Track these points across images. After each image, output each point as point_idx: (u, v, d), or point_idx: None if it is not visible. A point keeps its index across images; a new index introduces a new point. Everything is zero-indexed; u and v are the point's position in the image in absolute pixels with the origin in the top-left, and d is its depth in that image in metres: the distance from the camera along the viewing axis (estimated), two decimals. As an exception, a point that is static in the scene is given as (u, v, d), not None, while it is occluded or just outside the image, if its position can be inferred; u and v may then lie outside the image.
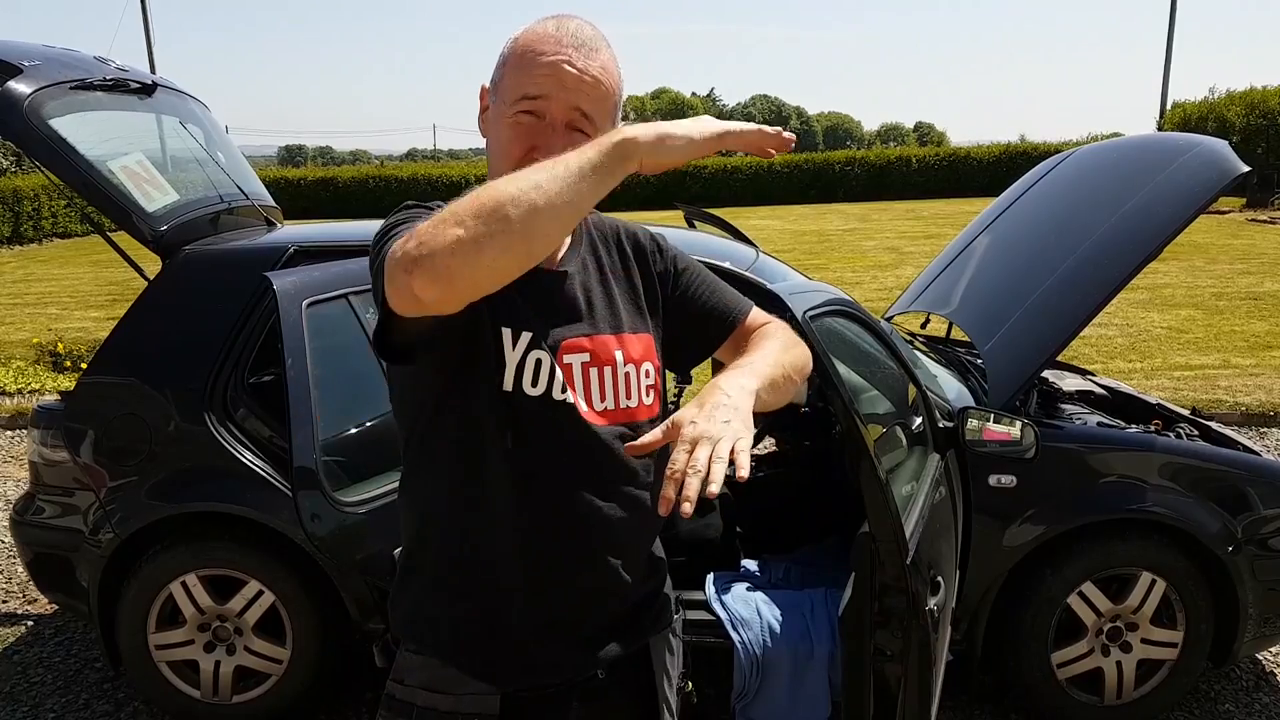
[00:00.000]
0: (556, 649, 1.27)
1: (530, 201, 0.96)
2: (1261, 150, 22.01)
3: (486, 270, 0.97)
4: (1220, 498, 2.69)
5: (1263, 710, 2.92)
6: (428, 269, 0.96)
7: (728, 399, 1.09)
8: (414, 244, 0.97)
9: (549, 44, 1.17)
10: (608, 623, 1.31)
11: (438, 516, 1.28)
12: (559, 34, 1.17)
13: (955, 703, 2.89)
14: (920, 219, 19.91)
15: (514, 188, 0.97)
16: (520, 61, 1.18)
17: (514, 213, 0.96)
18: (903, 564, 1.92)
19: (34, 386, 6.81)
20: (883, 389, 2.62)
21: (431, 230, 0.97)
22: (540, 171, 0.99)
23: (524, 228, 0.96)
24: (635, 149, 1.03)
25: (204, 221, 3.03)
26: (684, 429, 1.02)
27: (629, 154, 1.03)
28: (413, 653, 1.29)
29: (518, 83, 1.17)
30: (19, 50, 2.66)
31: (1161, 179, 2.94)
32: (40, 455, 2.87)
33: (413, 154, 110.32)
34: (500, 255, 0.97)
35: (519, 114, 1.17)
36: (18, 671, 3.23)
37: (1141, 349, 7.39)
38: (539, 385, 1.20)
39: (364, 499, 2.45)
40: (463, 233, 0.95)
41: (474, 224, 0.95)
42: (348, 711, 2.96)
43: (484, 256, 0.96)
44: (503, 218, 0.95)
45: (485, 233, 0.95)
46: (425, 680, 1.27)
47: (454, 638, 1.27)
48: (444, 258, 0.95)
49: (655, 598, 1.38)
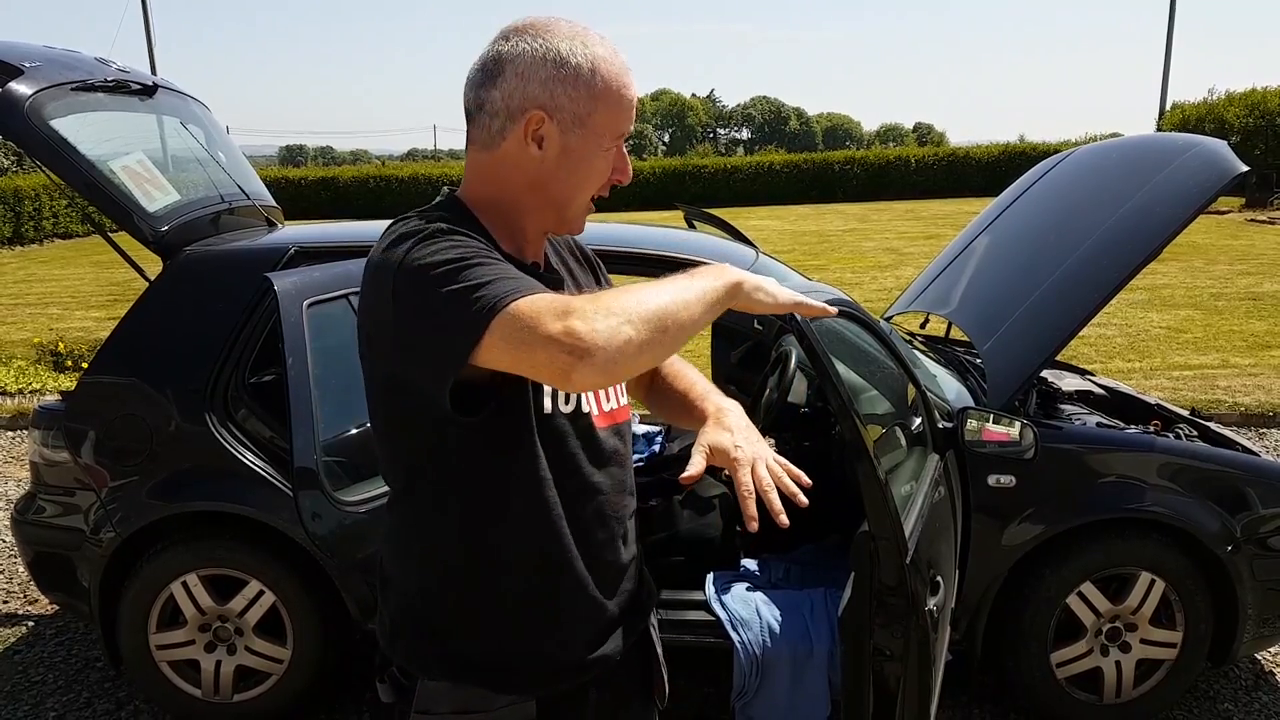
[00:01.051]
0: (587, 650, 1.29)
1: (682, 321, 1.07)
2: (1260, 151, 22.02)
3: (638, 370, 1.07)
4: (1219, 497, 2.69)
5: (1262, 709, 2.92)
6: (601, 362, 1.01)
7: (744, 419, 1.28)
8: (584, 328, 1.00)
9: (627, 78, 1.22)
10: (625, 610, 1.34)
11: (477, 544, 1.24)
12: (621, 64, 1.22)
13: (955, 702, 2.89)
14: (920, 219, 19.91)
15: (671, 304, 1.07)
16: (615, 98, 1.21)
17: (672, 325, 1.06)
18: (902, 564, 1.92)
19: (35, 386, 6.82)
20: (882, 389, 2.63)
21: (605, 323, 1.01)
22: (684, 291, 1.09)
23: (674, 341, 1.07)
24: (739, 293, 1.17)
25: (205, 222, 3.04)
26: (733, 453, 1.18)
27: (735, 296, 1.17)
28: (436, 680, 1.25)
29: (616, 119, 1.22)
30: (20, 51, 2.67)
31: (1161, 179, 2.94)
32: (41, 455, 2.87)
33: (413, 154, 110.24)
34: (651, 360, 1.07)
35: (612, 148, 1.24)
36: (19, 671, 3.23)
37: (1140, 349, 7.39)
38: (570, 402, 1.24)
39: (364, 498, 2.45)
40: (634, 334, 1.02)
41: (644, 329, 1.03)
42: (348, 711, 2.96)
43: (642, 359, 1.05)
44: (664, 330, 1.05)
45: (650, 340, 1.04)
46: (457, 705, 1.24)
47: (490, 662, 1.25)
48: (616, 353, 1.01)
49: (643, 574, 1.44)
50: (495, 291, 1.04)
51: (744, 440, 1.21)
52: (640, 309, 1.04)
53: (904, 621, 1.94)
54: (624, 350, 1.01)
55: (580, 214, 1.28)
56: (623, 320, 1.02)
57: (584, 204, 1.27)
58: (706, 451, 1.20)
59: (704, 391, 1.40)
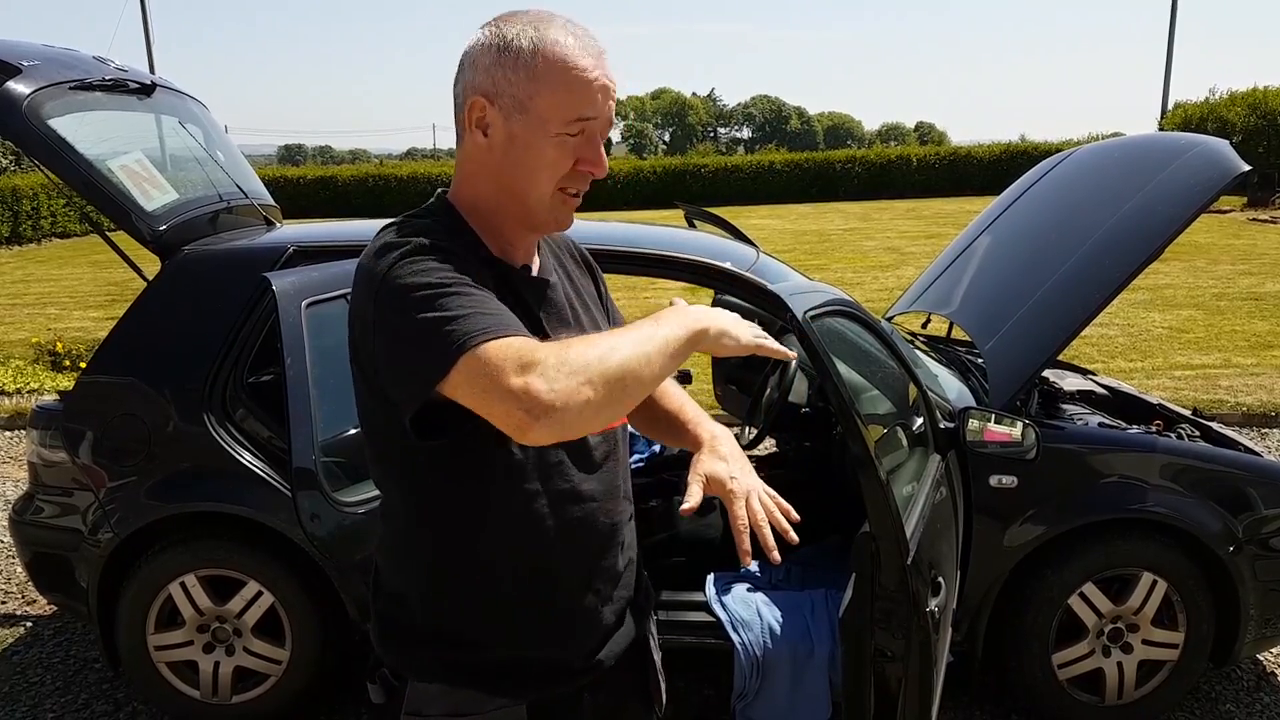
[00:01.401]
0: (578, 655, 1.28)
1: (643, 379, 1.06)
2: (1262, 150, 22.01)
3: (597, 428, 1.09)
4: (1221, 498, 2.68)
5: (1263, 711, 2.92)
6: (556, 423, 1.00)
7: (736, 447, 1.30)
8: (544, 387, 0.99)
9: (587, 59, 1.15)
10: (621, 615, 1.34)
11: (453, 561, 1.24)
12: (584, 46, 1.16)
13: (956, 703, 2.89)
14: (921, 218, 19.91)
15: (632, 360, 1.05)
16: (562, 79, 1.14)
17: (632, 384, 1.05)
18: (903, 565, 1.92)
19: (33, 386, 6.81)
20: (883, 389, 2.62)
21: (565, 383, 1.00)
22: (646, 343, 1.07)
23: (633, 399, 1.06)
24: (703, 339, 1.16)
25: (203, 221, 3.03)
26: (729, 484, 1.22)
27: (699, 343, 1.15)
28: (427, 682, 1.25)
29: (569, 103, 1.15)
30: (18, 50, 2.66)
31: (1162, 178, 2.93)
32: (39, 455, 2.86)
33: (412, 153, 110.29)
34: (610, 418, 1.07)
35: (568, 134, 1.16)
36: (16, 672, 3.22)
37: (1142, 349, 7.38)
38: None
39: (363, 499, 2.44)
40: (593, 395, 1.01)
41: (603, 389, 1.02)
42: (347, 711, 2.95)
43: (600, 418, 1.04)
44: (624, 388, 1.04)
45: (608, 400, 1.03)
46: (448, 707, 1.24)
47: (480, 665, 1.25)
48: (574, 414, 1.01)
49: (643, 582, 1.43)
50: (465, 329, 1.03)
51: (739, 471, 1.24)
52: (602, 366, 1.02)
53: (905, 622, 1.93)
54: (582, 412, 1.01)
55: (545, 208, 1.21)
56: (583, 380, 1.00)
57: (544, 196, 1.19)
58: (703, 481, 1.22)
59: (695, 415, 1.39)
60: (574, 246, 1.44)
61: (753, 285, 2.69)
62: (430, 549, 1.25)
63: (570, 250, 1.42)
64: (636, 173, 28.84)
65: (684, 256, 2.74)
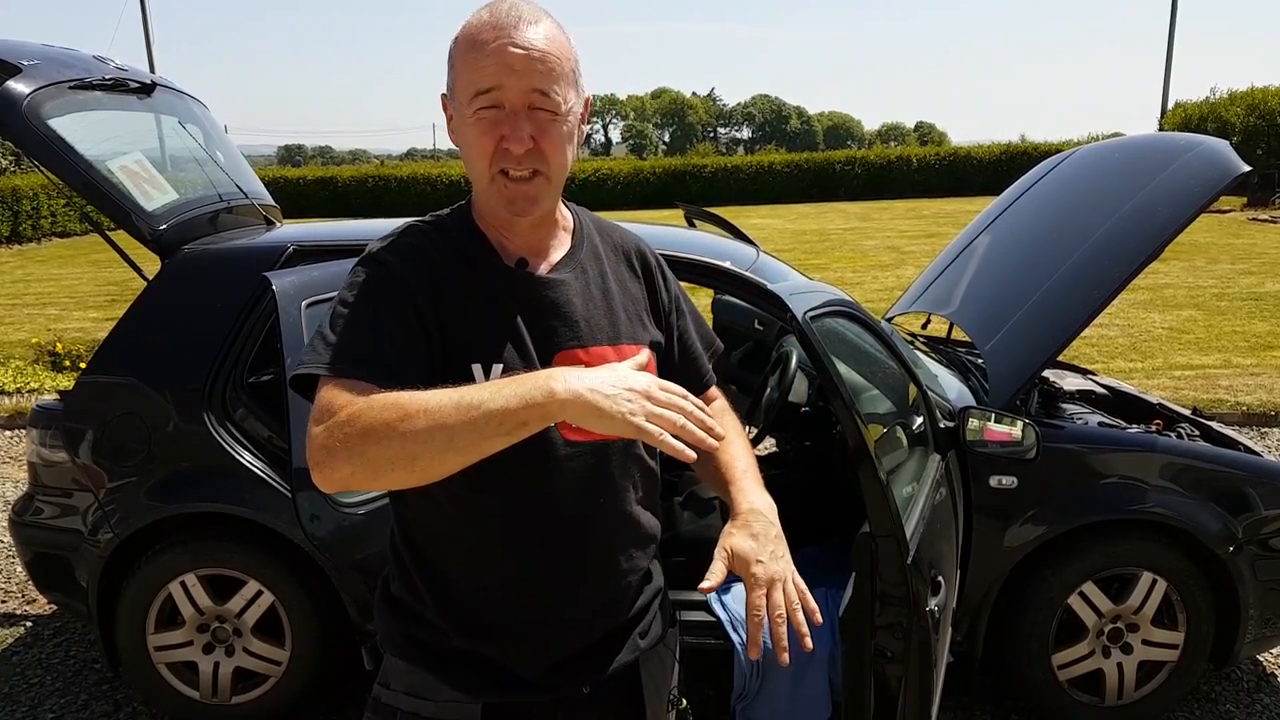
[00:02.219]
0: (540, 667, 1.25)
1: (429, 453, 1.00)
2: (1262, 150, 22.02)
3: (377, 487, 1.08)
4: (1221, 498, 2.68)
5: (1263, 711, 2.91)
6: (323, 480, 1.04)
7: (773, 526, 1.20)
8: (316, 444, 1.04)
9: (487, 31, 1.12)
10: (597, 639, 1.28)
11: (419, 530, 1.26)
12: (494, 19, 1.13)
13: (956, 703, 2.89)
14: (921, 218, 19.91)
15: (424, 435, 0.99)
16: (465, 58, 1.14)
17: (403, 462, 1.00)
18: (903, 564, 1.92)
19: (33, 386, 6.81)
20: (883, 389, 2.62)
21: (336, 449, 1.02)
22: (460, 414, 0.99)
23: (410, 473, 1.02)
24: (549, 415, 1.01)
25: (203, 221, 3.03)
26: (753, 567, 1.13)
27: (538, 419, 1.01)
28: (395, 658, 1.29)
29: (468, 80, 1.13)
30: (18, 49, 2.66)
31: (1162, 178, 2.93)
32: (39, 455, 2.86)
33: (412, 154, 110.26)
34: (384, 485, 1.06)
35: (479, 111, 1.14)
36: (16, 672, 3.22)
37: (1142, 349, 7.38)
38: None
39: (363, 499, 2.44)
40: (351, 471, 1.02)
41: (364, 469, 1.02)
42: (347, 711, 2.95)
43: (377, 484, 1.05)
44: (392, 465, 1.01)
45: (373, 475, 1.02)
46: (409, 686, 1.26)
47: (433, 652, 1.26)
48: (336, 481, 1.04)
49: (647, 613, 1.35)
50: (326, 357, 1.10)
51: (768, 556, 1.15)
52: (380, 440, 1.00)
53: (905, 622, 1.93)
54: (344, 481, 1.03)
55: (488, 193, 1.18)
56: (350, 454, 1.01)
57: (483, 180, 1.17)
58: (727, 557, 1.14)
59: (741, 480, 1.29)
60: (638, 249, 1.37)
61: (753, 285, 2.69)
62: (398, 523, 1.29)
63: (629, 252, 1.35)
64: (636, 173, 28.85)
65: (684, 256, 2.74)
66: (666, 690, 1.39)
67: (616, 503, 1.26)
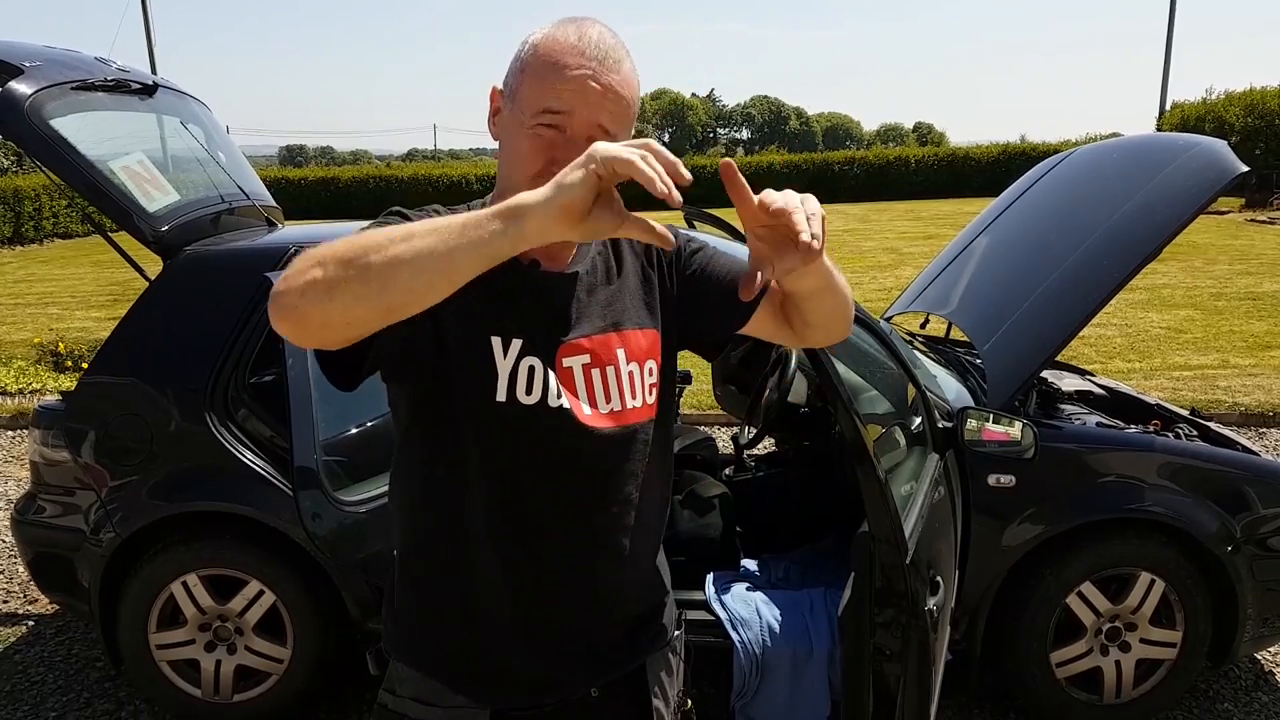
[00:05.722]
0: (545, 670, 1.24)
1: (401, 258, 0.92)
2: (1260, 151, 22.04)
3: (339, 316, 0.94)
4: (1219, 497, 2.69)
5: (1261, 709, 2.92)
6: (279, 306, 0.95)
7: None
8: (284, 274, 0.96)
9: (572, 56, 1.11)
10: (602, 641, 1.27)
11: (418, 531, 1.26)
12: (582, 45, 1.11)
13: (955, 702, 2.89)
14: (920, 219, 19.91)
15: (384, 237, 0.93)
16: (542, 71, 1.12)
17: (379, 263, 0.92)
18: (902, 564, 1.93)
19: (35, 386, 6.82)
20: (882, 389, 2.63)
21: (296, 267, 0.95)
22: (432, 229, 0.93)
23: (381, 282, 0.92)
24: (528, 208, 0.93)
25: (205, 222, 3.04)
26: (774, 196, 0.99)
27: (520, 215, 0.93)
28: (399, 662, 1.28)
29: (539, 94, 1.11)
30: (20, 51, 2.67)
31: (1161, 179, 2.94)
32: (41, 455, 2.87)
33: (413, 154, 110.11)
34: (353, 305, 0.94)
35: (539, 126, 1.12)
36: (18, 671, 3.23)
37: (1140, 349, 7.39)
38: (533, 393, 1.16)
39: (364, 498, 2.45)
40: (319, 274, 0.93)
41: (334, 267, 0.93)
42: (348, 711, 2.96)
43: (334, 304, 0.93)
44: (363, 266, 0.92)
45: (340, 278, 0.92)
46: (416, 692, 1.26)
47: (439, 657, 1.26)
48: (294, 297, 0.94)
49: (655, 615, 1.34)
50: None
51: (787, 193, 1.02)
52: (348, 247, 0.93)
53: (904, 621, 1.94)
54: (304, 292, 0.93)
55: None
56: (315, 261, 0.93)
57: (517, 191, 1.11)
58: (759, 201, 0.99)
59: None
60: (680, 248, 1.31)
61: (752, 285, 2.69)
62: (399, 529, 1.29)
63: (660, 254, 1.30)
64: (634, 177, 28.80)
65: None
66: (673, 693, 1.38)
67: (627, 493, 1.24)
